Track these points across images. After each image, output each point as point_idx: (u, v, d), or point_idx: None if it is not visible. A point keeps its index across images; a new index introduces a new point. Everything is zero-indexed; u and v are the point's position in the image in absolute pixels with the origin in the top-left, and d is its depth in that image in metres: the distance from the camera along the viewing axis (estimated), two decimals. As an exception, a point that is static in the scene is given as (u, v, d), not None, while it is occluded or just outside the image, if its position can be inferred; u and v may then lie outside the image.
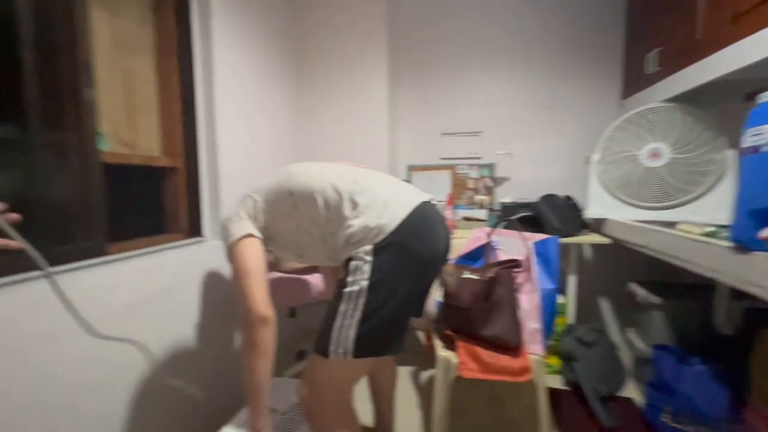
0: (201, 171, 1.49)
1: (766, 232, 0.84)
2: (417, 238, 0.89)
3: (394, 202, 0.92)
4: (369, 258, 0.86)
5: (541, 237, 1.45)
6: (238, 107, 1.63)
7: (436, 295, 1.44)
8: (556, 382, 1.77)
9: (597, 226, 1.90)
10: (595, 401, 1.51)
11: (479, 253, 1.53)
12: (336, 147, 2.23)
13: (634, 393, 1.65)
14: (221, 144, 1.51)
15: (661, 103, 1.65)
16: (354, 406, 1.00)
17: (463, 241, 1.61)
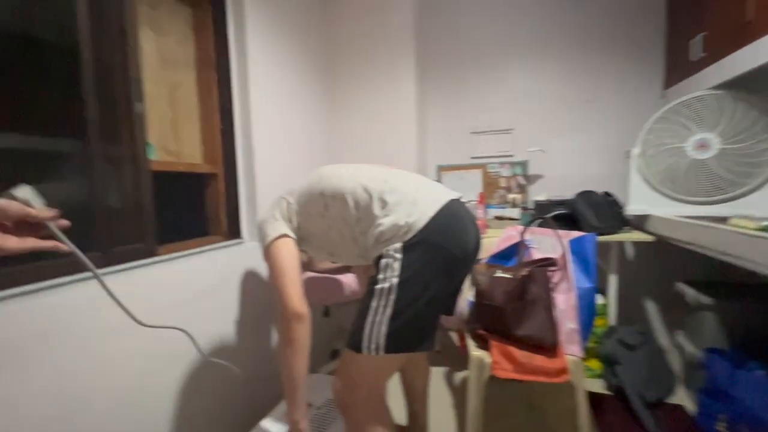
0: (239, 176, 1.57)
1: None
2: (446, 236, 0.89)
3: (423, 200, 0.93)
4: (399, 255, 0.87)
5: (576, 234, 1.40)
6: (273, 114, 1.71)
7: (468, 294, 1.43)
8: (597, 386, 1.69)
9: (639, 223, 1.81)
10: (640, 407, 1.43)
11: (512, 252, 1.50)
12: (367, 148, 2.26)
13: (685, 400, 1.55)
14: (257, 150, 1.58)
15: (708, 90, 1.55)
16: (387, 402, 1.01)
17: (495, 240, 1.58)
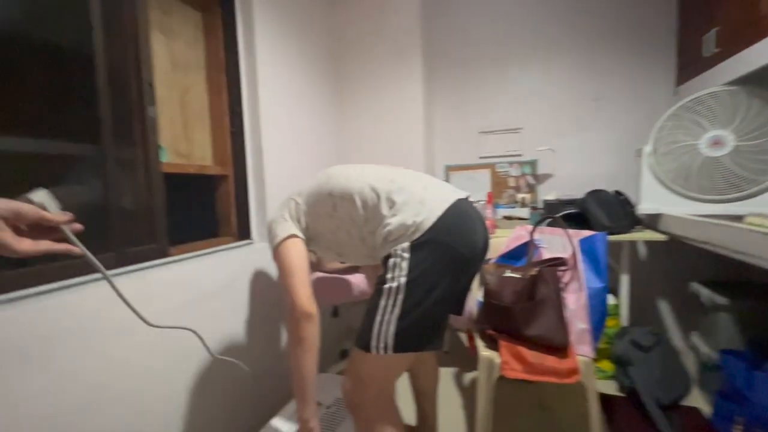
0: (248, 178, 1.59)
1: None
2: (454, 235, 0.89)
3: (430, 199, 0.93)
4: (407, 255, 0.87)
5: (587, 234, 1.38)
6: (282, 116, 1.72)
7: (477, 294, 1.43)
8: (609, 388, 1.67)
9: (651, 222, 1.78)
10: (654, 409, 1.41)
11: (521, 252, 1.49)
12: (375, 149, 2.26)
13: (700, 402, 1.52)
14: (266, 151, 1.60)
15: (722, 87, 1.52)
16: (396, 401, 1.01)
17: (504, 240, 1.57)
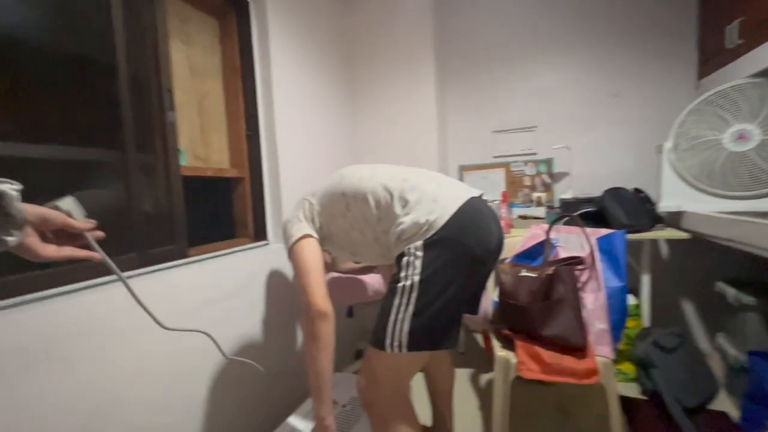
0: (264, 180, 1.61)
1: None
2: (467, 233, 0.89)
3: (443, 197, 0.93)
4: (420, 253, 0.88)
5: (605, 232, 1.35)
6: (296, 119, 1.75)
7: (493, 294, 1.41)
8: (631, 390, 1.62)
9: (673, 220, 1.72)
10: (678, 413, 1.36)
11: (537, 251, 1.47)
12: (388, 150, 2.27)
13: (728, 406, 1.46)
14: (281, 154, 1.62)
15: (746, 79, 1.47)
16: (411, 400, 1.01)
17: (519, 239, 1.55)
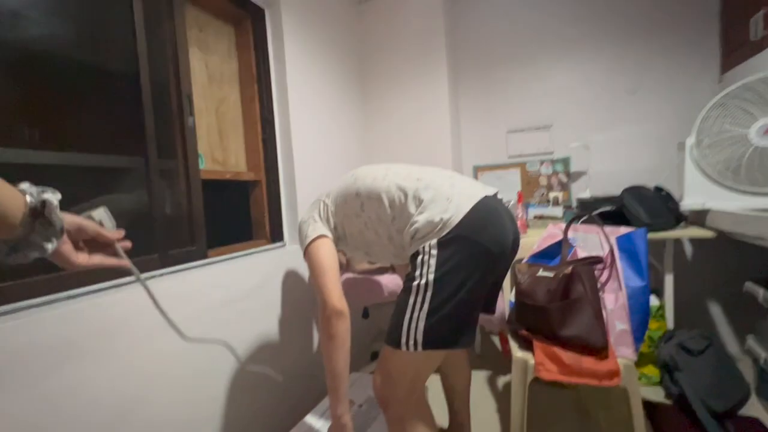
0: (280, 182, 1.64)
1: None
2: (482, 231, 0.88)
3: (457, 196, 0.92)
4: (434, 252, 0.88)
5: (625, 230, 1.32)
6: (311, 122, 1.78)
7: (509, 295, 1.40)
8: (655, 394, 1.57)
9: (697, 218, 1.67)
10: (706, 417, 1.31)
11: (555, 251, 1.44)
12: (402, 151, 2.27)
13: (760, 412, 1.40)
14: (297, 157, 1.65)
15: (773, 71, 1.42)
16: (427, 399, 1.01)
17: (535, 239, 1.53)
